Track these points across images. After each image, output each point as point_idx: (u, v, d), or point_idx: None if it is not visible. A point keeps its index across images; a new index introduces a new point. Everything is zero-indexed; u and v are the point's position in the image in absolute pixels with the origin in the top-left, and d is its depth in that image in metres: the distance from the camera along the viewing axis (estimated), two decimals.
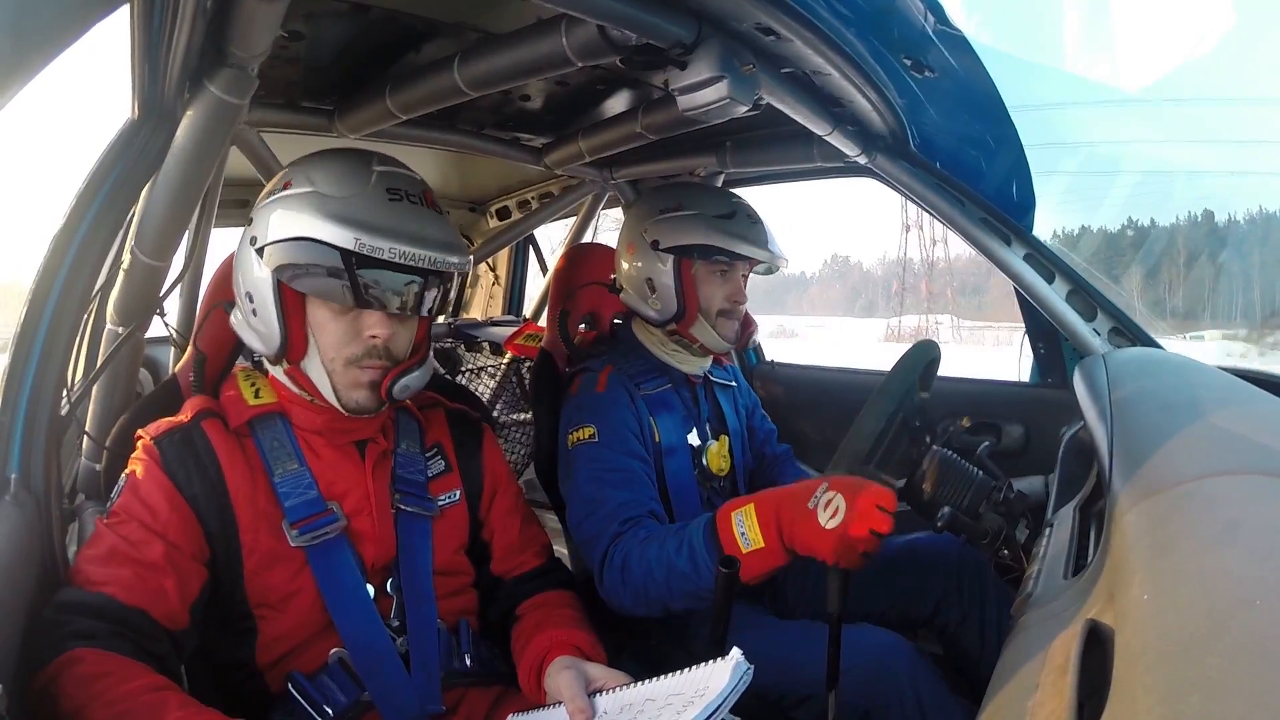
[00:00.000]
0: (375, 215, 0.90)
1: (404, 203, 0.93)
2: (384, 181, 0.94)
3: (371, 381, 0.96)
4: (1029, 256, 1.45)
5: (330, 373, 0.96)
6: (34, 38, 0.49)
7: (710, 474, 1.41)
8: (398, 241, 0.88)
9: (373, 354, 0.95)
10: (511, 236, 2.39)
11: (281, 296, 0.93)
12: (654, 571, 1.09)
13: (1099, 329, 1.43)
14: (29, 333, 0.90)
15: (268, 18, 0.83)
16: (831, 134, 1.30)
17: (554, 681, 0.88)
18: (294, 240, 0.90)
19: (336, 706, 0.92)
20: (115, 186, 0.94)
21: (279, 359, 0.98)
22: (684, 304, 1.39)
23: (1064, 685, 0.43)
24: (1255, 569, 0.44)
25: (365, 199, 0.91)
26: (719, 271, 1.40)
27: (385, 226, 0.89)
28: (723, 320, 1.41)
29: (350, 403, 0.97)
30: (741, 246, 1.37)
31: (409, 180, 0.97)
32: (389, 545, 1.00)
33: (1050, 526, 0.89)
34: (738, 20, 0.95)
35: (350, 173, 0.94)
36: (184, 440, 0.95)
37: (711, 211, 1.39)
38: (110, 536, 0.87)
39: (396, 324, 0.96)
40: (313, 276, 0.91)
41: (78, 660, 0.76)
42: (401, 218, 0.91)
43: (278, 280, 0.93)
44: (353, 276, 0.90)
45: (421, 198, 0.96)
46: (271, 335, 0.96)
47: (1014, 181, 1.42)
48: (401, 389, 0.97)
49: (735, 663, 0.76)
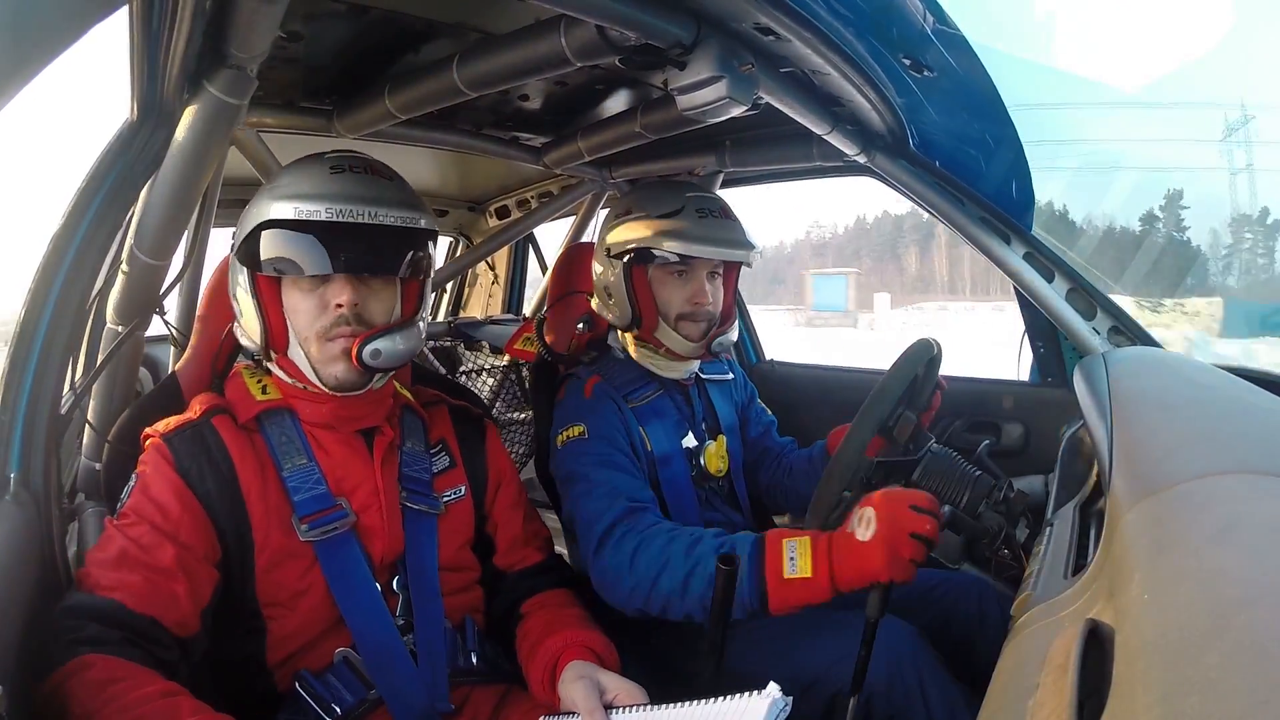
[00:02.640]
0: (316, 186, 0.94)
1: (346, 173, 0.96)
2: (329, 161, 0.98)
3: (344, 349, 0.96)
4: (1028, 255, 1.45)
5: (307, 352, 0.98)
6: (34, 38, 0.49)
7: (708, 475, 1.40)
8: (334, 202, 0.91)
9: (340, 322, 0.96)
10: (511, 236, 2.39)
11: (257, 288, 0.97)
12: (673, 567, 1.05)
13: (1099, 328, 1.43)
14: (29, 332, 0.90)
15: (267, 19, 0.83)
16: (831, 133, 1.30)
17: (568, 690, 0.87)
18: (253, 231, 0.95)
19: (344, 705, 0.92)
20: (115, 186, 0.95)
21: (266, 353, 1.00)
22: (637, 310, 1.36)
23: (1064, 685, 0.43)
24: (1255, 569, 0.44)
25: (309, 176, 0.96)
26: (675, 273, 1.35)
27: (324, 193, 0.93)
28: (685, 324, 1.36)
29: (329, 379, 0.98)
30: (679, 245, 1.31)
31: (354, 157, 1.00)
32: (397, 541, 1.01)
33: (1050, 526, 0.89)
34: (737, 20, 0.95)
35: (304, 165, 0.99)
36: (195, 437, 0.95)
37: (655, 211, 1.35)
38: (120, 539, 0.86)
39: (364, 290, 0.97)
40: (274, 258, 0.95)
41: (88, 665, 0.75)
42: (342, 184, 0.95)
43: (251, 273, 0.97)
44: (303, 245, 0.93)
45: (367, 168, 0.98)
46: (254, 329, 0.99)
47: (1013, 180, 1.42)
48: (372, 353, 0.96)
49: (773, 699, 0.72)
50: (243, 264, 0.98)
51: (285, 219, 0.92)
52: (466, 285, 2.78)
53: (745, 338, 2.25)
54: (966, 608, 1.27)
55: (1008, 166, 1.40)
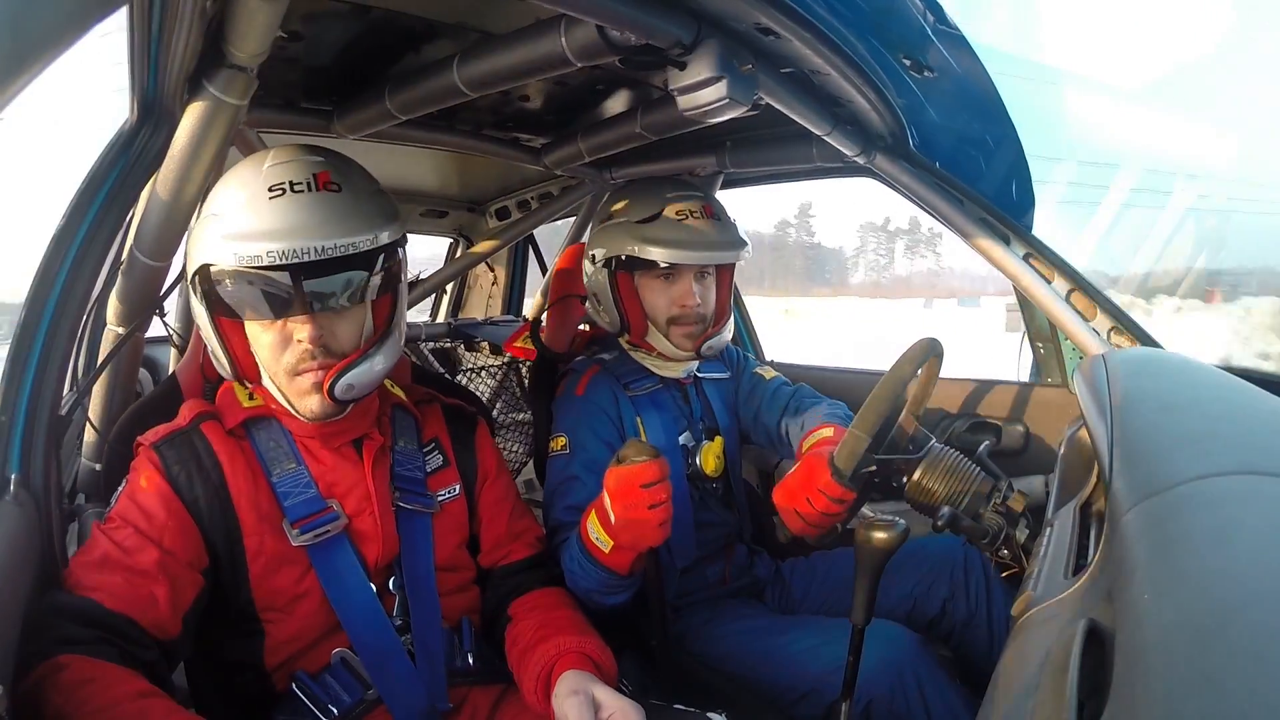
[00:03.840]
0: (255, 220, 0.87)
1: (285, 196, 0.88)
2: (268, 179, 0.90)
3: (315, 384, 0.93)
4: (1029, 256, 1.45)
5: (279, 387, 0.95)
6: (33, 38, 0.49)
7: (703, 475, 1.39)
8: (276, 241, 0.85)
9: (306, 358, 0.92)
10: (511, 237, 2.38)
11: (217, 325, 0.94)
12: (577, 581, 1.12)
13: (1099, 329, 1.43)
14: (29, 333, 0.90)
15: (267, 19, 0.82)
16: (831, 134, 1.30)
17: (562, 707, 0.85)
18: (199, 270, 0.90)
19: (341, 706, 0.92)
20: (115, 187, 0.95)
21: (240, 382, 0.99)
22: (625, 317, 1.36)
23: (1064, 685, 0.43)
24: (1255, 569, 0.44)
25: (247, 206, 0.89)
26: (660, 277, 1.34)
27: (263, 230, 0.86)
28: (675, 328, 1.35)
29: (306, 412, 0.95)
30: (655, 252, 1.29)
31: (296, 168, 0.91)
32: (391, 544, 1.00)
33: (1050, 526, 0.89)
34: (737, 20, 0.95)
35: (240, 182, 0.92)
36: (185, 444, 0.94)
37: (636, 216, 1.34)
38: (104, 542, 0.86)
39: (328, 320, 0.92)
40: (229, 298, 0.90)
41: (61, 667, 0.75)
42: (281, 214, 0.87)
43: (209, 309, 0.93)
44: (252, 288, 0.88)
45: (310, 182, 0.90)
46: (222, 364, 0.96)
47: (1013, 181, 1.42)
48: (344, 389, 0.92)
49: None
50: (199, 299, 0.93)
51: (224, 266, 0.87)
52: (466, 286, 2.78)
53: (744, 337, 2.25)
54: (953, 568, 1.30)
55: (1008, 167, 1.40)
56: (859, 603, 0.95)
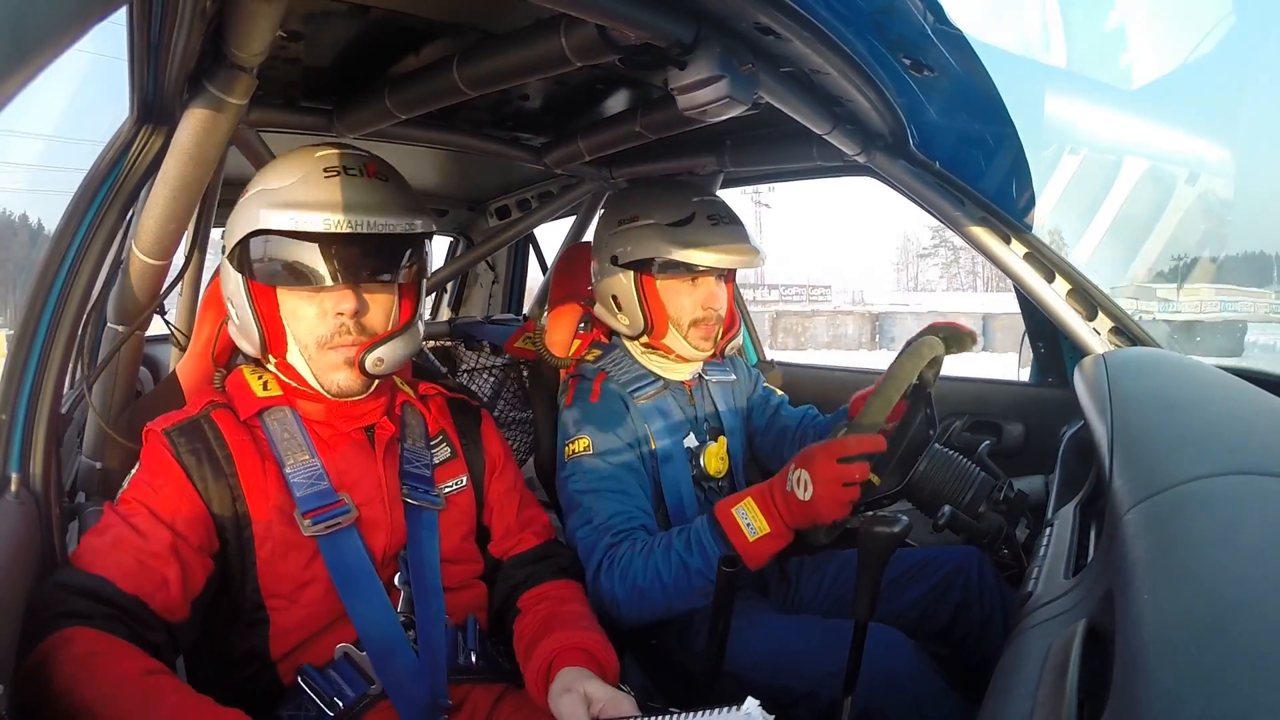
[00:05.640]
0: (312, 194, 0.93)
1: (340, 177, 0.95)
2: (322, 162, 0.96)
3: (346, 359, 0.97)
4: (1029, 255, 1.45)
5: (308, 359, 0.98)
6: (33, 38, 0.49)
7: (707, 475, 1.40)
8: (333, 211, 0.90)
9: (343, 331, 0.96)
10: (511, 236, 2.39)
11: (251, 294, 0.97)
12: (661, 574, 1.11)
13: (1099, 328, 1.43)
14: (29, 332, 0.90)
15: (267, 18, 0.82)
16: (831, 133, 1.30)
17: (557, 705, 0.86)
18: (248, 237, 0.94)
19: (345, 700, 0.93)
20: (115, 187, 0.95)
21: (264, 356, 1.00)
22: (650, 319, 1.36)
23: (1064, 685, 0.43)
24: (1255, 569, 0.44)
25: (304, 182, 0.94)
26: (688, 280, 1.36)
27: (320, 201, 0.92)
28: (696, 330, 1.37)
29: (332, 386, 0.98)
30: (695, 255, 1.31)
31: (350, 156, 0.98)
32: (399, 533, 1.01)
33: (1050, 526, 0.89)
34: (737, 20, 0.95)
35: (294, 163, 0.97)
36: (195, 431, 0.96)
37: (665, 220, 1.35)
38: (117, 522, 0.87)
39: (365, 298, 0.97)
40: (271, 266, 0.95)
41: (71, 639, 0.75)
42: (338, 191, 0.93)
43: (246, 279, 0.96)
44: (304, 253, 0.93)
45: (362, 169, 0.97)
46: (251, 335, 0.98)
47: (1014, 180, 1.42)
48: (375, 362, 0.97)
49: (750, 716, 0.72)
50: (236, 269, 0.97)
51: (279, 229, 0.92)
52: (466, 285, 2.78)
53: (745, 337, 2.25)
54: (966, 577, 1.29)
55: (1008, 166, 1.40)
56: (861, 598, 0.96)
